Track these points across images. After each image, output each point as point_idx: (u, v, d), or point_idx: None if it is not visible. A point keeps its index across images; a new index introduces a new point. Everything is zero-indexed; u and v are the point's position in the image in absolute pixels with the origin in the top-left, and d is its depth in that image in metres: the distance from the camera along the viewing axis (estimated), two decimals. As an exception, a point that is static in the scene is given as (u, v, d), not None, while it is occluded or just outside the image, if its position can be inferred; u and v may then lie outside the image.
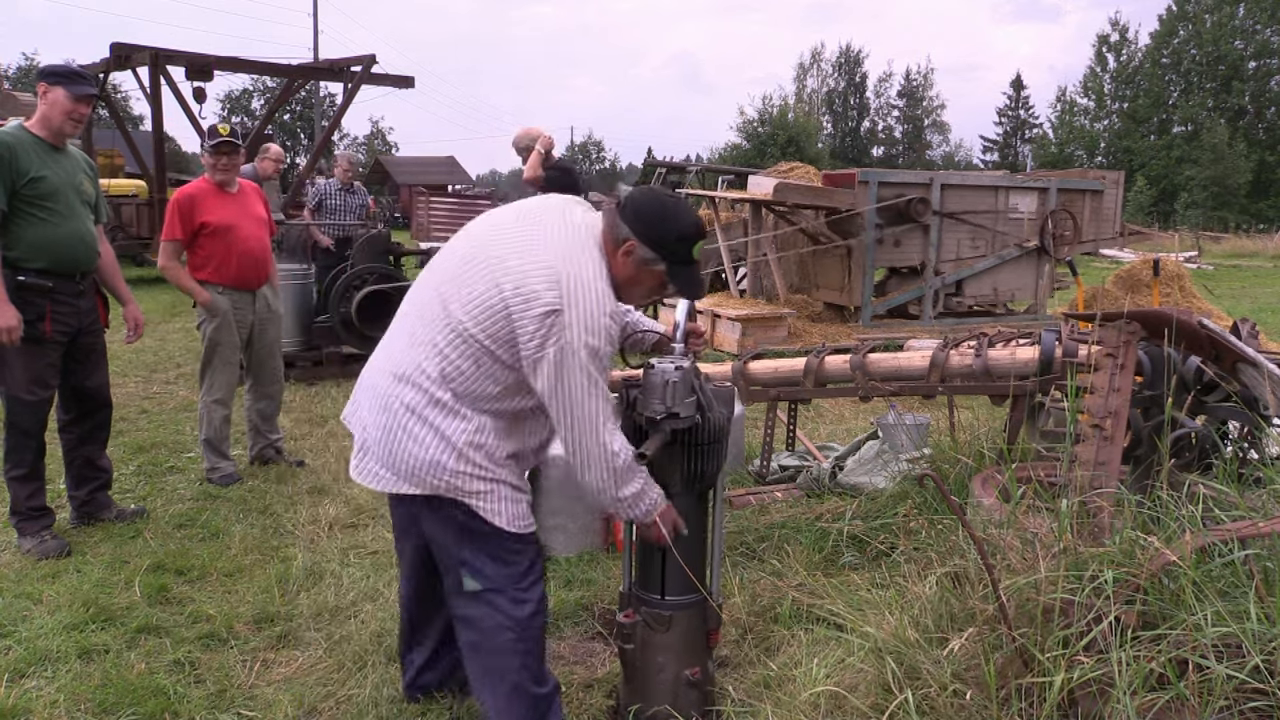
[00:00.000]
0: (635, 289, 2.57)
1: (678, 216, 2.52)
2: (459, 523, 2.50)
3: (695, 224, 2.54)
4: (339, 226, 9.83)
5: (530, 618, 2.57)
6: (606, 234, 2.51)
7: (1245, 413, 3.35)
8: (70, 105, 4.19)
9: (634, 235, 2.47)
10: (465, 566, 2.55)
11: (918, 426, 5.05)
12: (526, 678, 2.58)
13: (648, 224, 2.47)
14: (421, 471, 2.43)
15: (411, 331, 2.51)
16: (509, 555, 2.54)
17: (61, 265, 4.22)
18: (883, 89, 78.27)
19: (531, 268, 2.36)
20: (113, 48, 13.58)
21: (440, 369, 2.41)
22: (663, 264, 2.50)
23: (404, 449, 2.44)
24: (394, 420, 2.45)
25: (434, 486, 2.45)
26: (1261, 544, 2.28)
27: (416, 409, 2.42)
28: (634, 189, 2.71)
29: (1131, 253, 20.72)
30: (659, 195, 2.63)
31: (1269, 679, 1.94)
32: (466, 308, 2.38)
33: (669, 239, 2.49)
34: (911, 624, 2.57)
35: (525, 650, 2.57)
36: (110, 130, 18.63)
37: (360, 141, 68.87)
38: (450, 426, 2.41)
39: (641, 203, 2.52)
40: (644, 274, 2.52)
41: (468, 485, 2.44)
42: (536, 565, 2.61)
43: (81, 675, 3.18)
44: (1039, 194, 11.33)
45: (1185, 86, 56.92)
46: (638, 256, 2.48)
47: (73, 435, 4.57)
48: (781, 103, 59.41)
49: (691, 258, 2.54)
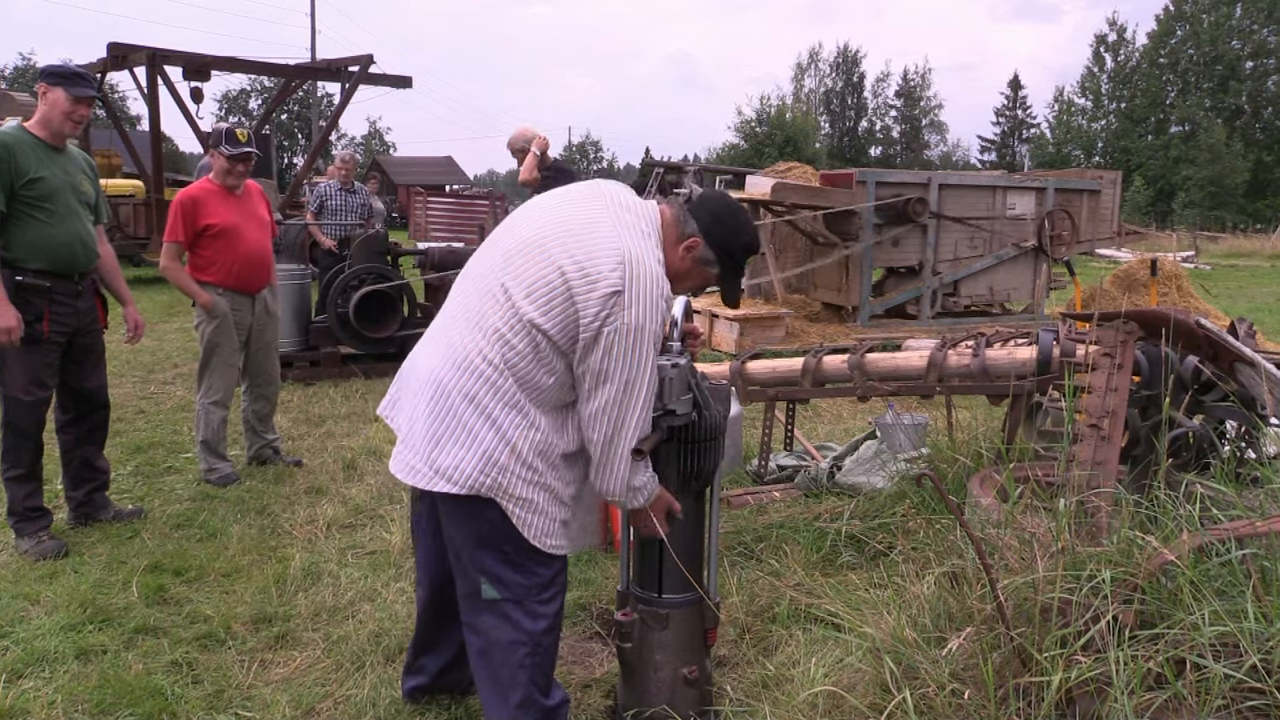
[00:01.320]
0: (683, 282, 2.58)
1: (747, 228, 2.59)
2: (489, 527, 2.43)
3: (758, 237, 2.62)
4: (340, 227, 9.83)
5: (545, 633, 2.52)
6: (671, 226, 2.52)
7: (1243, 412, 3.35)
8: (70, 106, 4.19)
9: (701, 234, 2.50)
10: (485, 574, 2.48)
11: (916, 426, 5.05)
12: (536, 691, 2.53)
13: (720, 227, 2.51)
14: (468, 467, 2.35)
15: (470, 319, 2.43)
16: (534, 565, 2.48)
17: (59, 266, 4.22)
18: (880, 89, 78.44)
19: (594, 248, 2.34)
20: (110, 47, 13.57)
21: (503, 355, 2.34)
22: (718, 268, 2.55)
23: (454, 442, 2.37)
24: (449, 411, 2.38)
25: (478, 485, 2.36)
26: (1259, 543, 2.28)
27: (477, 398, 2.36)
28: (706, 189, 2.77)
29: (1129, 252, 20.73)
30: (734, 203, 2.66)
31: (1266, 678, 1.95)
32: (528, 292, 2.33)
33: (734, 247, 2.54)
34: (909, 623, 2.57)
35: (536, 665, 2.52)
36: (108, 130, 18.60)
37: (358, 141, 68.92)
38: (509, 420, 2.36)
39: (716, 206, 2.57)
40: (697, 272, 2.56)
41: (514, 487, 2.39)
42: (560, 579, 2.56)
43: (79, 676, 3.18)
44: (1036, 194, 11.34)
45: (1182, 86, 57.00)
46: (699, 255, 2.51)
47: (70, 436, 4.56)
48: (779, 103, 59.58)
49: (743, 269, 2.61)
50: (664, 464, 2.64)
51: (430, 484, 2.39)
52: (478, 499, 2.39)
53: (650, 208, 2.54)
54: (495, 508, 2.40)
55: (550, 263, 2.34)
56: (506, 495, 2.39)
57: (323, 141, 19.29)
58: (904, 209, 10.52)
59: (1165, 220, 45.81)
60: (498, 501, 2.39)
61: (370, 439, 6.16)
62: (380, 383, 7.70)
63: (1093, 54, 61.79)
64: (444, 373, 2.41)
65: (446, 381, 2.39)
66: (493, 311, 2.38)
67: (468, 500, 2.40)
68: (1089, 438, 3.06)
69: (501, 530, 2.43)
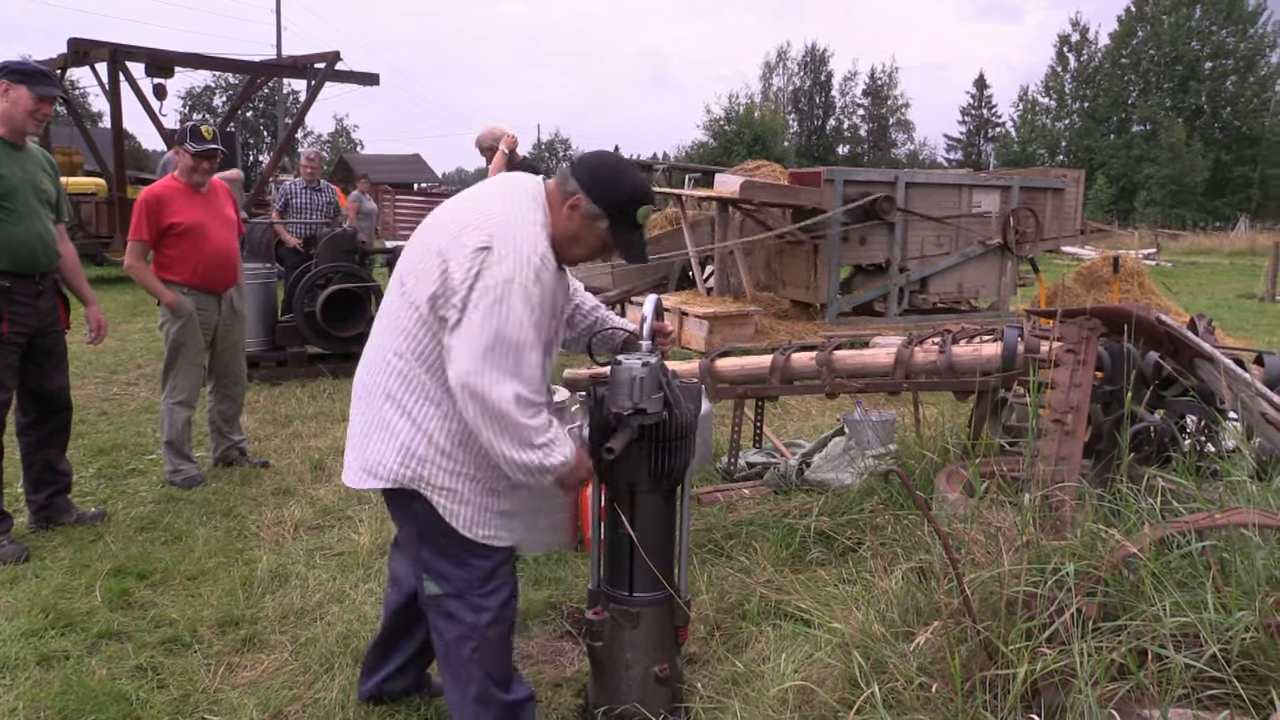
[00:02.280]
0: (577, 247, 2.52)
1: (629, 176, 2.51)
2: (421, 522, 2.47)
3: (645, 186, 2.52)
4: (306, 225, 9.73)
5: (489, 625, 2.51)
6: (555, 189, 2.50)
7: (1202, 407, 3.41)
8: (33, 105, 4.12)
9: (582, 189, 2.45)
10: (426, 570, 2.52)
11: (883, 423, 5.09)
12: (491, 685, 2.55)
13: (598, 179, 2.46)
14: (389, 460, 2.40)
15: (383, 319, 2.50)
16: (468, 558, 2.49)
17: (19, 266, 4.14)
18: (848, 87, 78.75)
19: (468, 219, 2.37)
20: (70, 43, 13.37)
21: (409, 346, 2.38)
22: (607, 221, 2.47)
23: (378, 438, 2.42)
24: (371, 409, 2.45)
25: (400, 477, 2.40)
26: (1218, 536, 2.32)
27: (391, 393, 2.41)
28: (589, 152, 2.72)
29: (1092, 250, 20.99)
30: (613, 155, 2.64)
31: (1226, 667, 1.98)
32: (417, 280, 2.37)
33: (618, 197, 2.46)
34: (878, 618, 2.59)
35: (486, 658, 2.53)
36: (68, 127, 18.29)
37: (325, 139, 68.24)
38: (423, 411, 2.39)
39: (594, 161, 2.52)
40: (587, 231, 2.49)
41: (435, 478, 2.41)
42: (501, 571, 2.55)
43: (41, 682, 3.13)
44: (1002, 192, 11.45)
45: (1144, 86, 57.85)
46: (583, 211, 2.45)
47: (31, 438, 4.49)
48: (748, 101, 59.70)
49: (637, 221, 2.51)
50: (635, 462, 2.64)
51: (360, 482, 2.47)
52: (404, 492, 2.44)
53: (538, 182, 2.55)
54: (422, 501, 2.43)
55: (431, 243, 2.39)
56: (429, 486, 2.41)
57: (288, 139, 19.07)
58: (871, 207, 10.59)
59: (1127, 218, 46.51)
60: (423, 494, 2.42)
61: (338, 439, 6.11)
62: (347, 382, 7.64)
63: (1056, 54, 62.62)
64: (364, 373, 2.52)
65: (367, 381, 2.49)
66: (397, 306, 2.44)
67: (396, 495, 2.47)
68: (1053, 433, 3.10)
69: (433, 524, 2.45)
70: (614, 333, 2.88)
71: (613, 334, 2.89)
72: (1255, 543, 2.25)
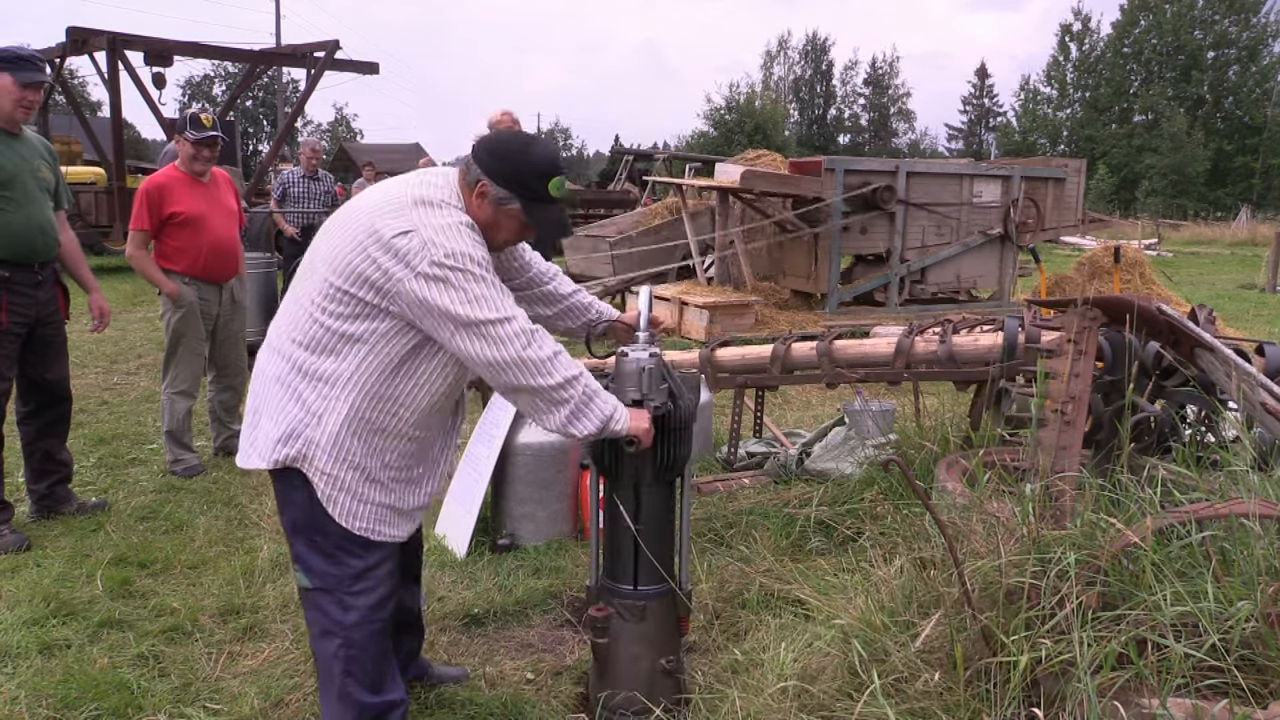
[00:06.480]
0: (497, 233, 2.44)
1: (530, 151, 2.41)
2: (298, 510, 2.39)
3: (550, 158, 2.42)
4: (304, 214, 9.71)
5: (356, 625, 2.42)
6: (461, 179, 2.42)
7: (1203, 397, 3.41)
8: (19, 92, 4.09)
9: (485, 174, 2.37)
10: (298, 560, 2.44)
11: (883, 413, 5.09)
12: (354, 685, 2.45)
13: (500, 159, 2.37)
14: (275, 439, 2.32)
15: (285, 306, 2.43)
16: (342, 556, 2.41)
17: (18, 254, 4.14)
18: (849, 77, 78.68)
19: (383, 206, 2.30)
20: (69, 32, 13.33)
21: (310, 333, 2.31)
22: (517, 202, 2.38)
23: (267, 418, 2.35)
24: (265, 392, 2.38)
25: (285, 457, 2.31)
26: (1219, 525, 2.32)
27: (282, 378, 2.34)
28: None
29: (1093, 240, 20.98)
30: (512, 133, 2.56)
31: (1225, 657, 1.99)
32: (332, 265, 2.29)
33: (522, 173, 2.37)
34: (878, 608, 2.60)
35: (351, 658, 2.43)
36: (67, 116, 18.27)
37: (324, 128, 68.08)
38: (314, 393, 2.30)
39: (493, 142, 2.44)
40: (501, 216, 2.40)
41: (318, 460, 2.32)
42: (377, 571, 2.46)
43: (43, 671, 3.14)
44: (1003, 182, 11.43)
45: (1146, 76, 57.63)
46: (491, 195, 2.37)
47: (31, 428, 4.49)
48: (749, 90, 59.43)
49: (549, 195, 2.40)
50: (640, 455, 2.64)
51: (246, 461, 2.40)
52: (286, 474, 2.36)
53: (448, 172, 2.47)
54: (303, 488, 2.35)
55: (348, 233, 2.30)
56: (311, 467, 2.33)
57: (288, 128, 19.04)
58: (872, 196, 10.57)
59: (1128, 208, 46.46)
60: (305, 475, 2.34)
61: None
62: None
63: (1058, 43, 62.31)
64: (263, 357, 2.44)
65: (264, 367, 2.42)
66: (303, 291, 2.37)
67: (278, 477, 2.39)
68: (1053, 423, 3.10)
69: (310, 514, 2.37)
70: (608, 322, 2.89)
71: (609, 324, 2.89)
72: (1255, 532, 2.25)
